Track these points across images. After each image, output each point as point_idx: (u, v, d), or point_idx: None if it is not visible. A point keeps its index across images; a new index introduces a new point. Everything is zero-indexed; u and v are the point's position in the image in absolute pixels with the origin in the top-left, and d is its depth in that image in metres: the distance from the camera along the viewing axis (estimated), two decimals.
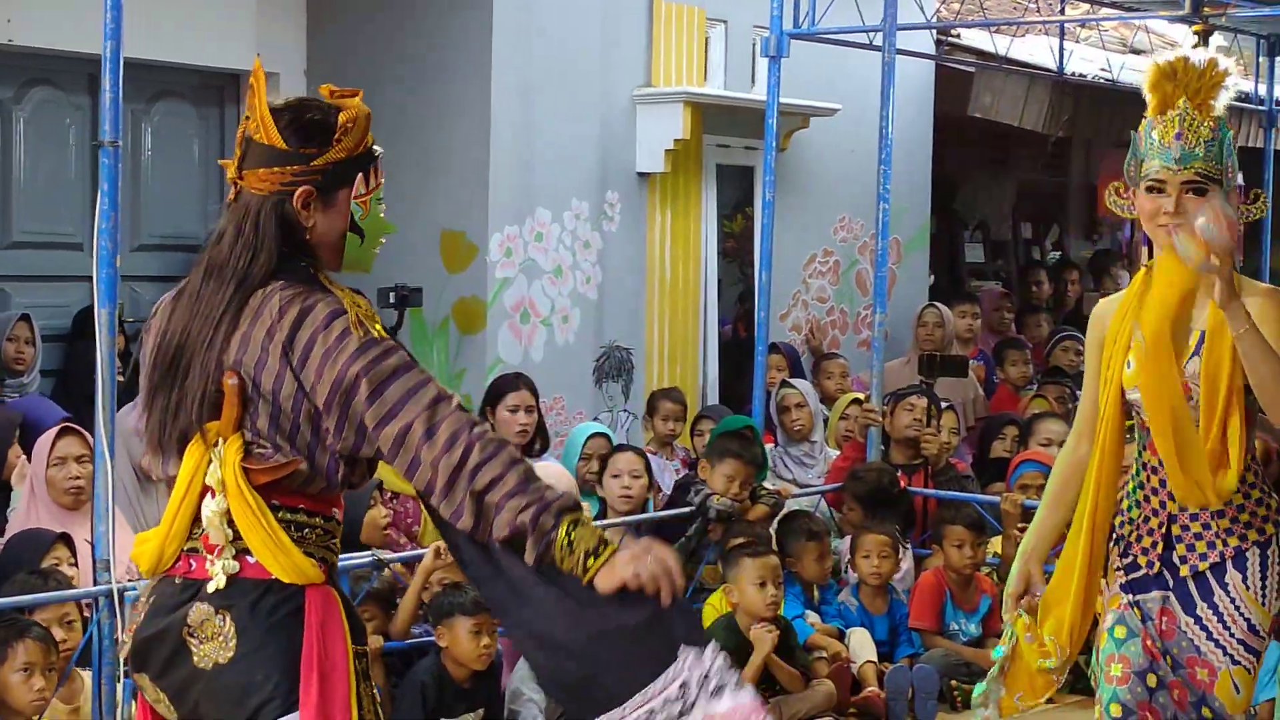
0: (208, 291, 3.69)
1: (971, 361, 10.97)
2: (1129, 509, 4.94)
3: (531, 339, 9.72)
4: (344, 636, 3.69)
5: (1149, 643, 4.82)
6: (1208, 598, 4.80)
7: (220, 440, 3.63)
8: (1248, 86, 13.78)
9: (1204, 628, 4.81)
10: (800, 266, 11.51)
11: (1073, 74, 12.14)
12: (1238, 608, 4.80)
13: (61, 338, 8.94)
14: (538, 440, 8.37)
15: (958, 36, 12.27)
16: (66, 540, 6.47)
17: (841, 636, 7.79)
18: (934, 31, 11.69)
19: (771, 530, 8.05)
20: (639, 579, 3.47)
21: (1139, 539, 4.89)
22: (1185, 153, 4.78)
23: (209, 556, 3.65)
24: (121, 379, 7.93)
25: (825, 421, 9.93)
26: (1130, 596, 4.86)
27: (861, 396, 9.53)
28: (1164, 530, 4.85)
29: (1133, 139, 4.91)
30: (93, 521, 5.87)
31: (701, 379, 10.84)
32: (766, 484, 8.29)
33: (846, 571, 8.26)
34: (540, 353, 9.75)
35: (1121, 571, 4.90)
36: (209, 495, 3.64)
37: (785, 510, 8.21)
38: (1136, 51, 13.55)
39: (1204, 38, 11.29)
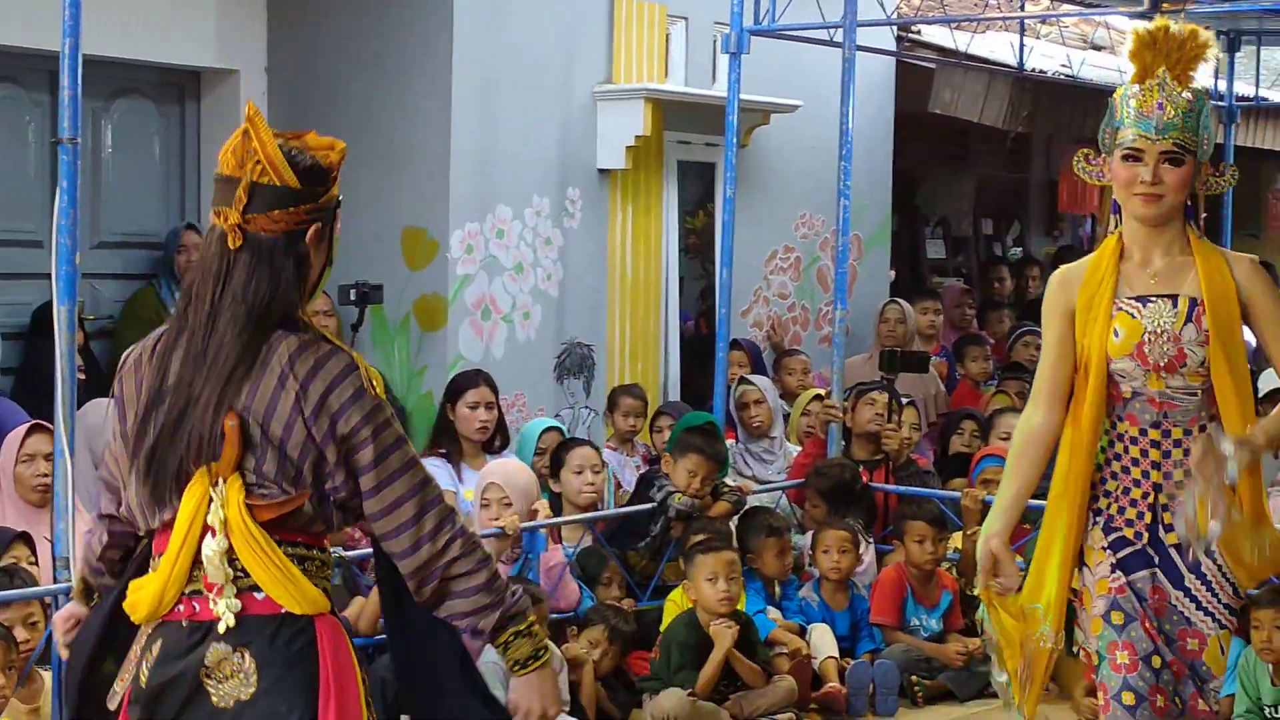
0: (220, 335, 3.68)
1: (933, 358, 11.00)
2: (1101, 481, 4.95)
3: (493, 336, 9.71)
4: (354, 663, 3.77)
5: (1147, 624, 4.83)
6: (1194, 567, 4.85)
7: (220, 480, 3.65)
8: (1207, 82, 13.86)
9: (1193, 598, 4.85)
10: (761, 263, 11.53)
11: (1033, 70, 12.18)
12: (1223, 572, 4.85)
13: (21, 335, 8.91)
14: (498, 437, 8.38)
15: (918, 33, 12.30)
16: (26, 539, 6.45)
17: (803, 632, 7.80)
18: (894, 28, 11.72)
19: (732, 526, 8.06)
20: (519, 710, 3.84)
21: (1121, 511, 4.91)
22: (1164, 122, 4.81)
23: (210, 597, 3.67)
24: (82, 376, 7.94)
25: (786, 418, 9.95)
26: (1124, 577, 4.86)
27: (823, 392, 9.55)
28: (1150, 500, 4.88)
29: (1109, 105, 4.92)
30: (52, 519, 5.86)
31: (663, 375, 10.84)
32: (728, 480, 8.31)
33: (810, 565, 8.28)
34: (501, 349, 9.75)
35: (1109, 550, 4.91)
36: (209, 535, 3.65)
37: (746, 506, 8.22)
38: (1096, 47, 13.61)
39: None
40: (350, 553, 6.87)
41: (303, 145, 3.78)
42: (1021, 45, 11.84)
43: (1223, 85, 13.56)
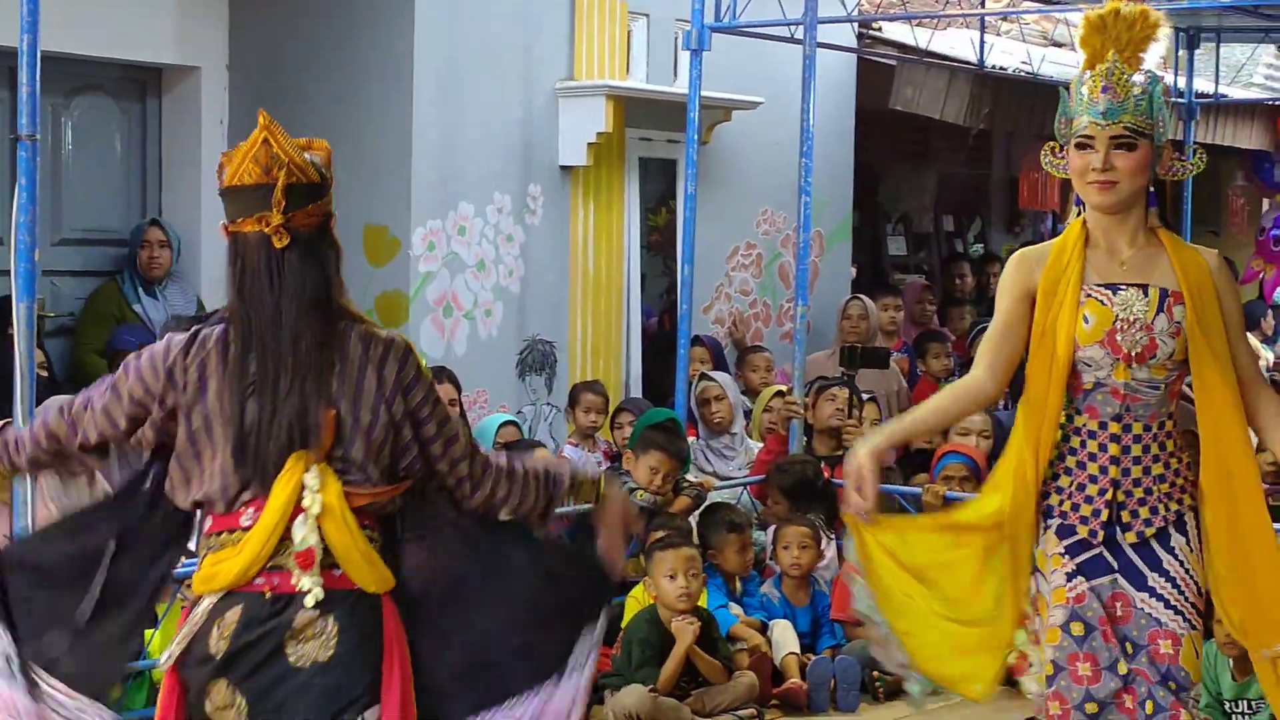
0: (293, 331, 4.00)
1: (894, 354, 11.03)
2: (1054, 476, 4.80)
3: (454, 333, 9.72)
4: (404, 638, 4.09)
5: (1109, 634, 4.67)
6: (1156, 567, 4.71)
7: (313, 467, 3.97)
8: (1167, 79, 13.91)
9: (1160, 597, 4.70)
10: (723, 259, 11.55)
11: (994, 67, 12.21)
12: (1187, 570, 4.72)
13: None
14: None
15: (879, 29, 12.32)
16: None
17: (764, 628, 7.82)
18: (855, 24, 11.74)
19: (692, 522, 8.08)
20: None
21: (1075, 508, 4.76)
22: (1112, 106, 4.69)
23: (297, 571, 3.97)
24: (43, 373, 7.92)
25: (749, 414, 9.97)
26: (1086, 583, 4.71)
27: (785, 389, 9.57)
28: (1107, 498, 4.73)
29: (1062, 96, 4.83)
30: (10, 517, 5.85)
31: (624, 372, 10.85)
32: (689, 476, 8.32)
33: (771, 560, 8.29)
34: (463, 346, 9.75)
35: (1065, 556, 4.75)
36: (300, 517, 3.96)
37: (707, 502, 8.23)
38: (1057, 44, 13.65)
39: None
40: None
41: (303, 145, 4.15)
42: (982, 42, 11.87)
43: (1182, 82, 13.63)
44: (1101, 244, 4.82)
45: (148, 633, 6.32)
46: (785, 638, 7.79)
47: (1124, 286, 4.76)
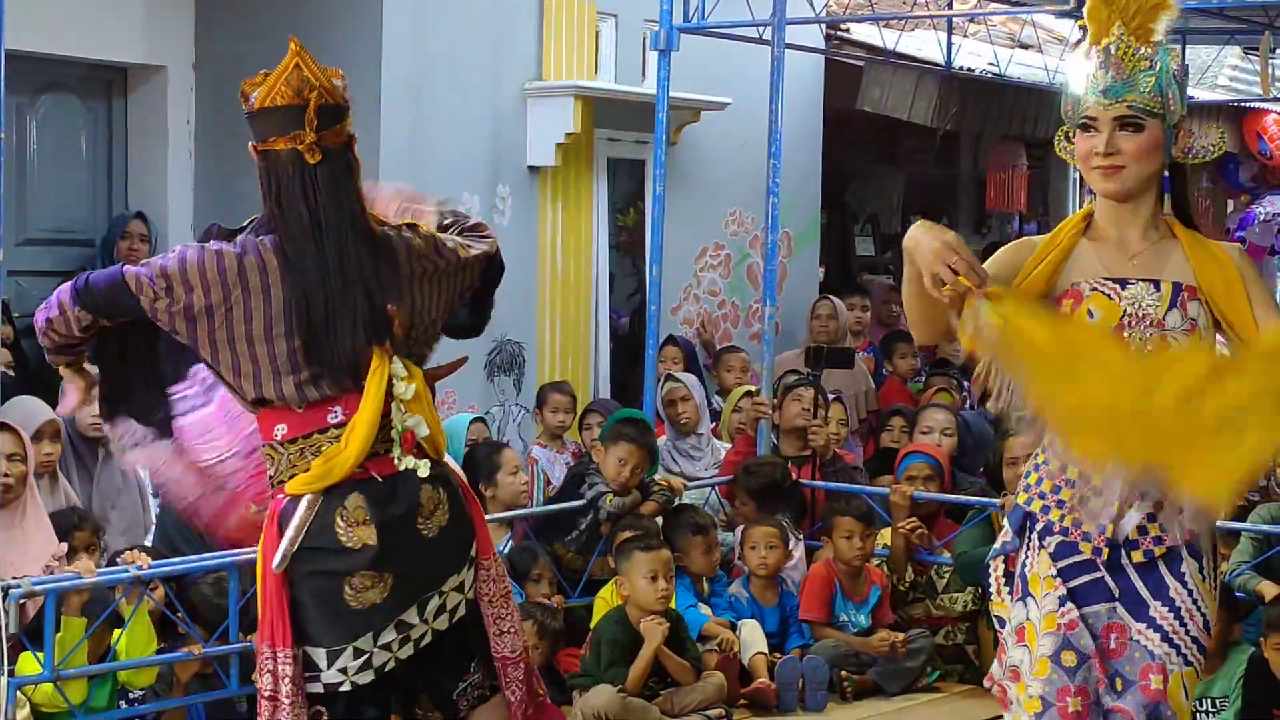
0: (339, 238, 4.38)
1: (861, 354, 11.05)
2: (1054, 490, 4.35)
3: None
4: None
5: (1100, 666, 4.25)
6: (1162, 594, 4.27)
7: (395, 357, 4.43)
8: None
9: (1158, 628, 4.27)
10: (691, 260, 11.55)
11: (961, 68, 12.25)
12: (1195, 602, 4.28)
13: None
14: None
15: (847, 31, 12.35)
16: None
17: (732, 628, 7.82)
18: (823, 25, 11.75)
19: (659, 523, 8.07)
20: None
21: (1077, 524, 4.29)
22: (1115, 84, 4.28)
23: (399, 452, 4.45)
24: (10, 372, 7.89)
25: (718, 414, 9.98)
26: (1077, 610, 4.26)
27: (754, 389, 9.57)
28: (1113, 511, 4.28)
29: (1064, 81, 4.45)
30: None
31: (593, 373, 10.85)
32: (657, 478, 8.31)
33: (739, 560, 8.30)
34: None
35: (1058, 579, 4.28)
36: (395, 404, 4.42)
37: (675, 504, 8.23)
38: (1024, 46, 13.69)
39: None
40: None
41: (325, 71, 4.49)
42: (949, 43, 11.90)
43: None
44: (1111, 235, 4.38)
45: (115, 632, 6.32)
46: (753, 638, 7.79)
47: (1134, 281, 4.31)
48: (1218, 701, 7.12)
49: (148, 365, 4.67)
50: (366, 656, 4.43)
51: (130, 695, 6.44)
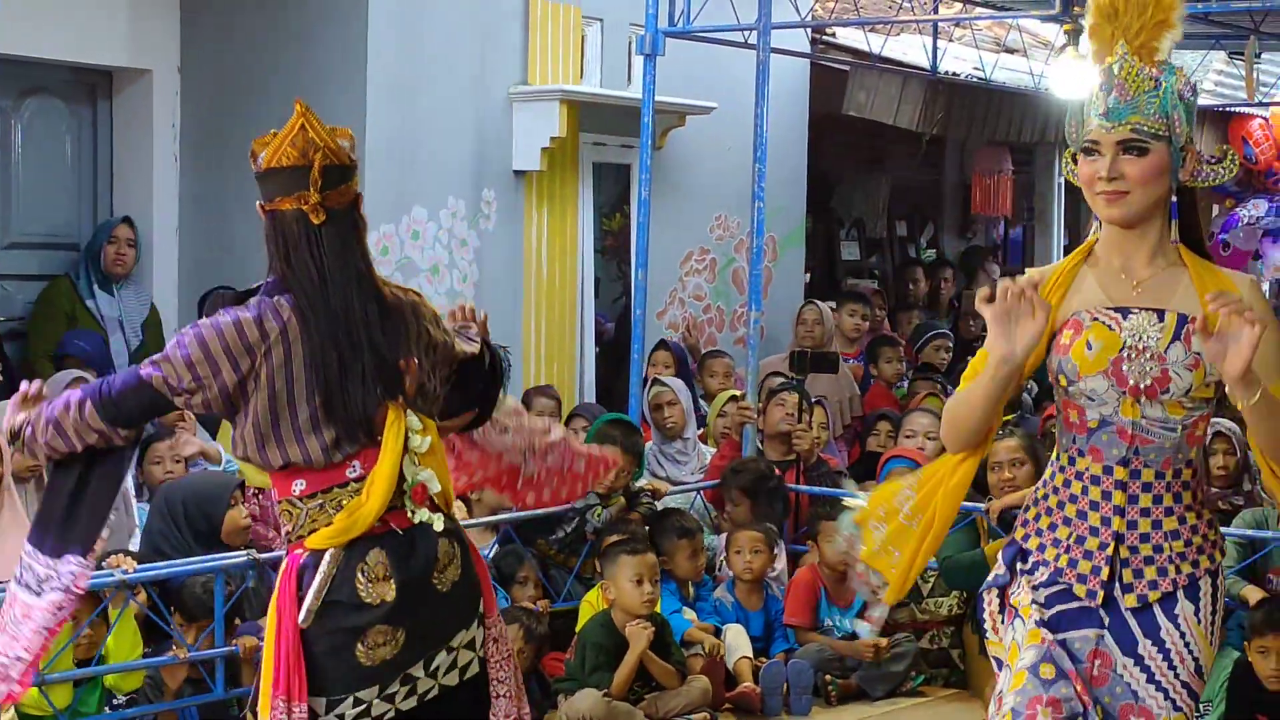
0: (345, 296, 4.40)
1: (850, 361, 11.06)
2: (1051, 527, 4.20)
3: None
4: None
5: (1080, 687, 4.07)
6: (1153, 634, 4.10)
7: (408, 411, 4.45)
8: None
9: (1145, 669, 4.10)
10: (677, 264, 11.56)
11: (946, 73, 12.26)
12: (1188, 645, 4.10)
13: None
14: None
15: (832, 35, 12.37)
16: None
17: (717, 633, 7.82)
18: (809, 30, 11.77)
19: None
20: None
21: (1072, 564, 4.13)
22: (1118, 106, 4.08)
23: (411, 505, 4.45)
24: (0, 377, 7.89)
25: (704, 419, 9.98)
26: (1053, 635, 4.11)
27: (738, 394, 9.58)
28: (1108, 552, 4.11)
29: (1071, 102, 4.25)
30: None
31: (578, 377, 10.85)
32: (642, 483, 8.31)
33: (721, 568, 8.31)
34: None
35: (1039, 607, 4.15)
36: (408, 458, 4.43)
37: (659, 510, 8.23)
38: (1009, 50, 13.72)
39: (1074, 37, 11.47)
40: (264, 554, 6.85)
41: (332, 131, 4.54)
42: (935, 48, 11.92)
43: None
44: (1115, 262, 4.18)
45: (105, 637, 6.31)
46: (738, 642, 7.79)
47: (1136, 310, 4.12)
48: (1201, 706, 7.13)
49: (99, 499, 4.54)
50: (365, 706, 4.43)
51: (115, 700, 6.43)
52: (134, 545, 7.13)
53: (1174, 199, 4.16)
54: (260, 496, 7.81)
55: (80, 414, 4.40)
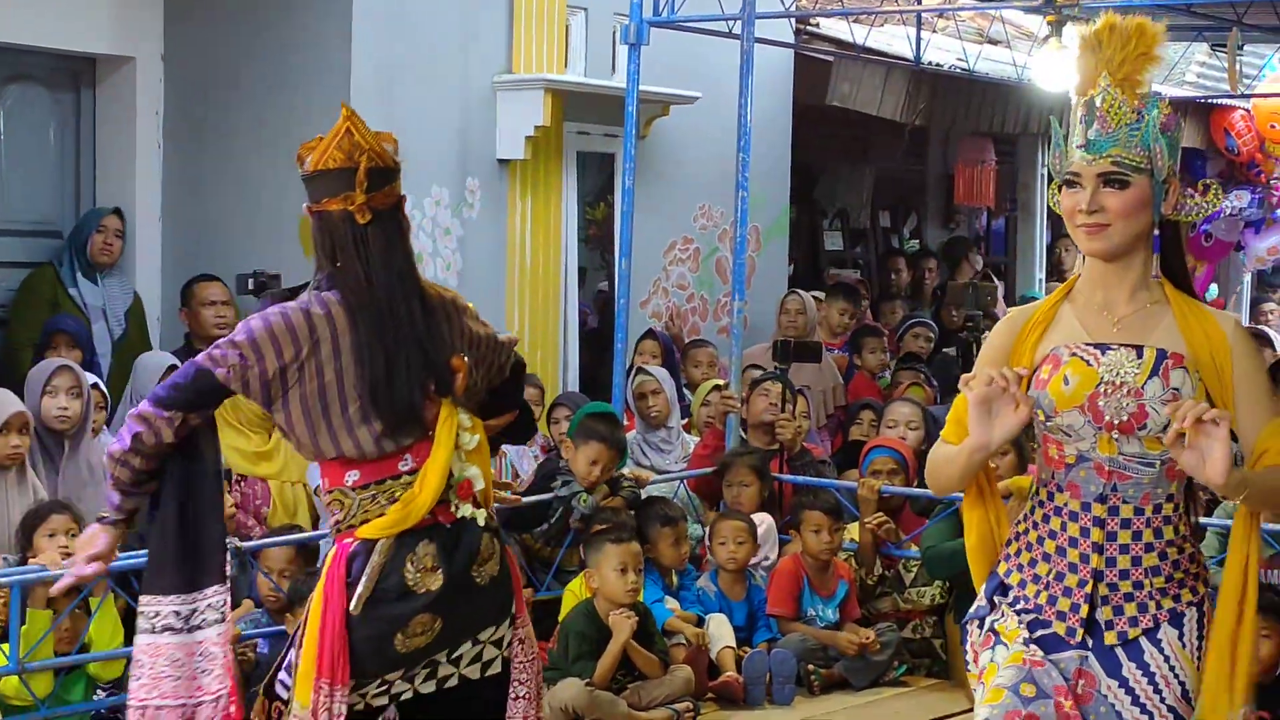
0: (400, 295, 4.58)
1: (834, 352, 11.08)
2: (1031, 563, 4.16)
3: None
4: None
5: (1070, 704, 4.01)
6: (1137, 657, 4.06)
7: (459, 409, 4.62)
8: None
9: (1130, 691, 4.06)
10: (660, 254, 11.55)
11: (930, 64, 12.27)
12: (1172, 668, 4.06)
13: None
14: None
15: (816, 25, 12.36)
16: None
17: (700, 622, 7.83)
18: (792, 20, 11.76)
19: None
20: None
21: (1052, 601, 4.10)
22: (1099, 138, 4.06)
23: (456, 500, 4.61)
24: None
25: (688, 408, 9.99)
26: (1045, 654, 4.07)
27: (722, 383, 9.59)
28: (1087, 590, 4.06)
29: (1054, 127, 4.20)
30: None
31: (561, 366, 10.85)
32: (625, 471, 8.32)
33: (710, 554, 8.32)
34: None
35: (1026, 629, 4.11)
36: (458, 452, 4.61)
37: (642, 498, 8.23)
38: (993, 42, 13.71)
39: (1057, 28, 11.47)
40: (245, 544, 6.85)
41: (376, 136, 4.66)
42: (919, 39, 11.92)
43: None
44: (1096, 298, 4.16)
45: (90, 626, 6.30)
46: (721, 632, 7.80)
47: (1115, 346, 4.09)
48: None
49: (207, 525, 4.73)
50: (387, 686, 4.61)
51: (99, 688, 6.43)
52: None
53: (1156, 232, 4.11)
54: (243, 484, 7.82)
55: (145, 422, 4.55)
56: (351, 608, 4.50)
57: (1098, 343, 4.10)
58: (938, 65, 12.47)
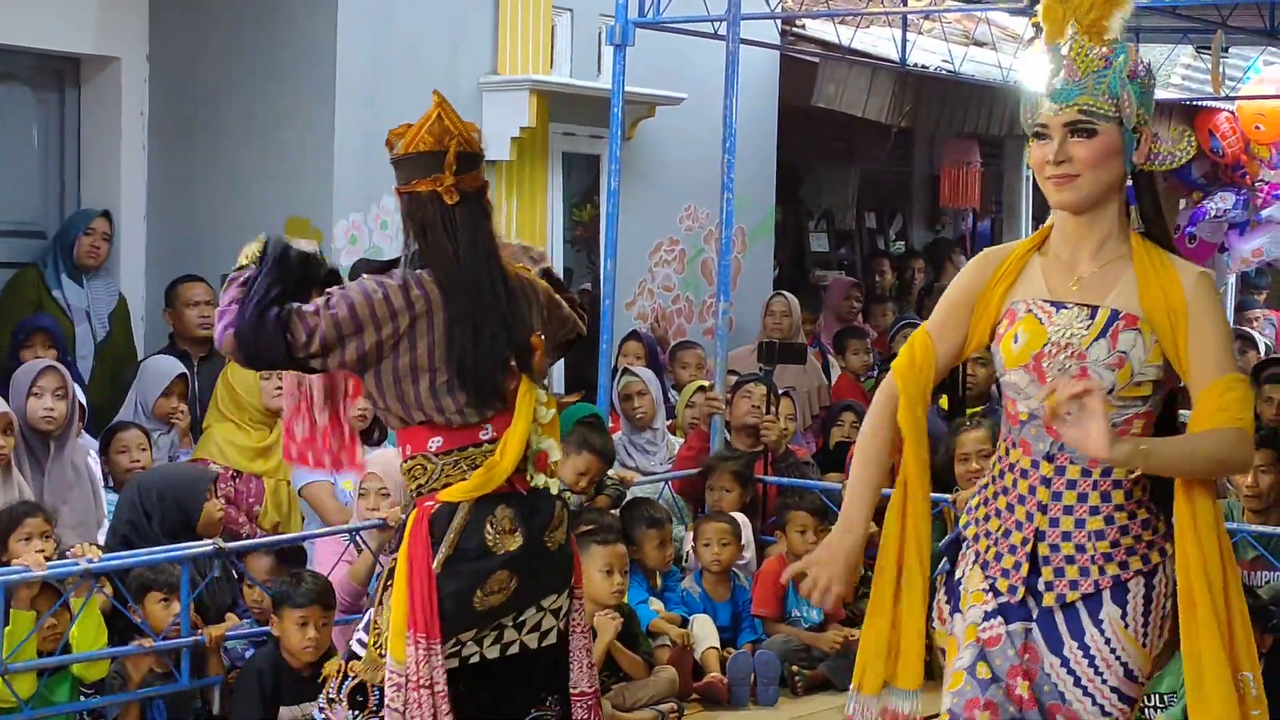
0: (486, 274, 4.82)
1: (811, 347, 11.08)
2: (985, 518, 4.12)
3: None
4: None
5: (1019, 689, 3.97)
6: (1078, 636, 3.97)
7: (532, 385, 4.90)
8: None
9: (1071, 672, 3.98)
10: (646, 255, 11.55)
11: (915, 65, 12.27)
12: (1113, 650, 3.97)
13: None
14: (375, 429, 8.33)
15: (802, 26, 12.36)
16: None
17: (684, 623, 7.83)
18: (778, 21, 11.76)
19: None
20: None
21: (998, 557, 4.04)
22: (1066, 87, 3.96)
23: (533, 470, 4.93)
24: None
25: (674, 409, 9.98)
26: (1005, 625, 4.01)
27: (707, 384, 9.59)
28: (1029, 548, 4.00)
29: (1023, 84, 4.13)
30: None
31: None
32: (610, 472, 8.31)
33: (685, 560, 8.32)
34: None
35: (990, 593, 4.05)
36: (535, 426, 4.91)
37: (627, 499, 8.24)
38: (978, 43, 13.73)
39: (1042, 30, 11.44)
40: (230, 544, 6.84)
41: (465, 123, 4.92)
42: (904, 40, 11.92)
43: None
44: (1064, 254, 4.08)
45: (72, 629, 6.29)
46: (705, 632, 7.81)
47: (1070, 305, 4.02)
48: (1166, 697, 7.15)
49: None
50: (459, 648, 4.84)
51: (82, 689, 6.42)
52: (102, 537, 7.11)
53: (1130, 184, 4.04)
54: (238, 481, 7.82)
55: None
56: (435, 564, 4.75)
57: (1055, 300, 4.02)
58: (923, 67, 12.48)
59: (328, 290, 4.83)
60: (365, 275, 4.88)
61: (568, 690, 5.08)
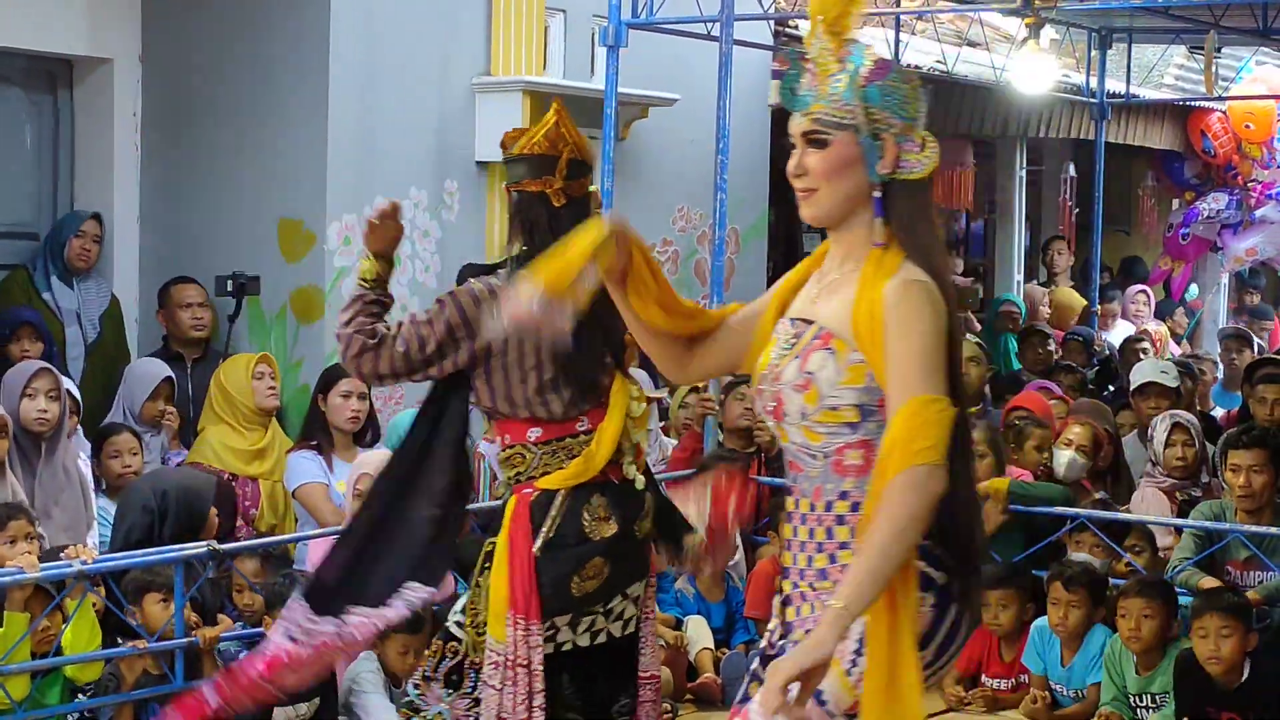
0: None
1: None
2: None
3: None
4: None
5: None
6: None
7: (625, 381, 5.15)
8: (1080, 79, 14.03)
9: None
10: None
11: (908, 66, 12.27)
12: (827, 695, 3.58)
13: None
14: (369, 430, 8.36)
15: (795, 28, 12.37)
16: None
17: (679, 624, 7.84)
18: (771, 22, 11.77)
19: None
20: None
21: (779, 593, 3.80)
22: (804, 94, 3.68)
23: (625, 463, 5.12)
24: None
25: (666, 411, 9.98)
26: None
27: (700, 386, 9.58)
28: (781, 597, 3.77)
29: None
30: None
31: None
32: None
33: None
34: None
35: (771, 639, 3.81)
36: (629, 420, 5.12)
37: None
38: (971, 44, 13.74)
39: (1035, 31, 11.51)
40: (224, 545, 6.83)
41: (580, 133, 5.15)
42: (897, 41, 11.93)
43: (1094, 82, 13.75)
44: (828, 268, 3.76)
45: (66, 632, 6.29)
46: (699, 633, 7.81)
47: (794, 323, 3.73)
48: (1158, 698, 7.17)
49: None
50: (555, 632, 5.02)
51: (76, 691, 6.42)
52: (91, 539, 7.10)
53: (878, 195, 3.68)
54: (234, 484, 7.84)
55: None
56: (535, 548, 4.97)
57: (796, 317, 3.74)
58: (916, 67, 12.47)
59: (439, 299, 5.13)
60: (471, 279, 5.13)
61: (637, 673, 5.26)
